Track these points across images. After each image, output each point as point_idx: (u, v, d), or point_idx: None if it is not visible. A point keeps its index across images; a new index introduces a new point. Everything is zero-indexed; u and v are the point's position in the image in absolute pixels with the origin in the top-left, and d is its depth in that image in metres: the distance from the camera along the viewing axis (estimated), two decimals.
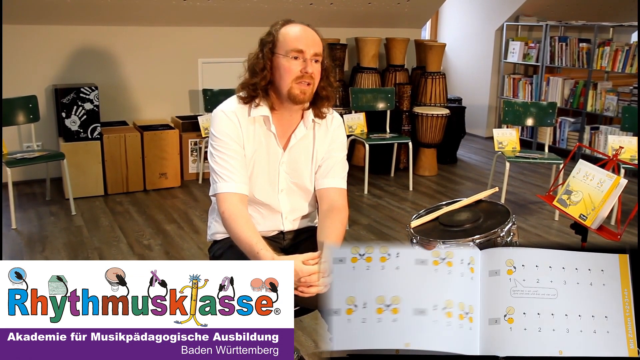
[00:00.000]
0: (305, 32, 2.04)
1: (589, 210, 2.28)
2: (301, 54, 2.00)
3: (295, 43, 2.00)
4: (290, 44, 2.01)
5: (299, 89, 2.02)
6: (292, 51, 2.00)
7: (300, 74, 2.00)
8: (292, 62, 2.00)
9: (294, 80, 2.01)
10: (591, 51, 6.70)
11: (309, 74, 2.01)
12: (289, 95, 2.03)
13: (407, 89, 6.25)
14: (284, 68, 2.01)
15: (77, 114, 5.06)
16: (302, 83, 2.01)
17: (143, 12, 5.50)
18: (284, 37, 2.03)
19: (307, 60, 2.01)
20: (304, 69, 2.00)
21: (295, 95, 2.02)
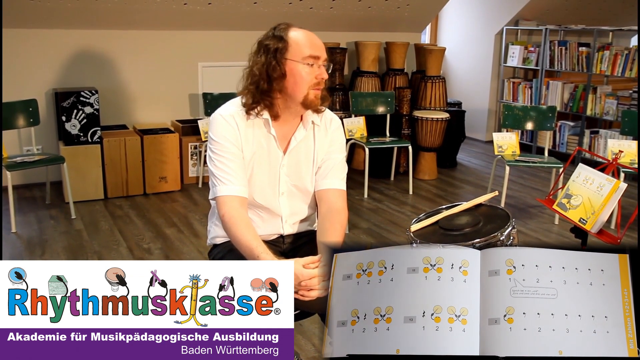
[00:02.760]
0: (315, 37, 2.05)
1: (589, 214, 2.28)
2: (316, 60, 2.01)
3: (311, 49, 2.01)
4: (306, 50, 2.00)
5: (314, 94, 2.04)
6: (309, 57, 2.00)
7: (316, 80, 2.02)
8: (308, 68, 2.01)
9: (311, 87, 2.02)
10: (591, 55, 6.71)
11: (323, 80, 2.04)
12: (304, 101, 2.03)
13: (407, 92, 6.26)
14: (299, 75, 2.00)
15: (77, 118, 5.06)
16: (318, 89, 2.04)
17: (143, 16, 5.51)
18: (296, 43, 2.01)
19: (321, 66, 2.03)
20: (319, 75, 2.02)
21: (312, 101, 2.04)
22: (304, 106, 2.05)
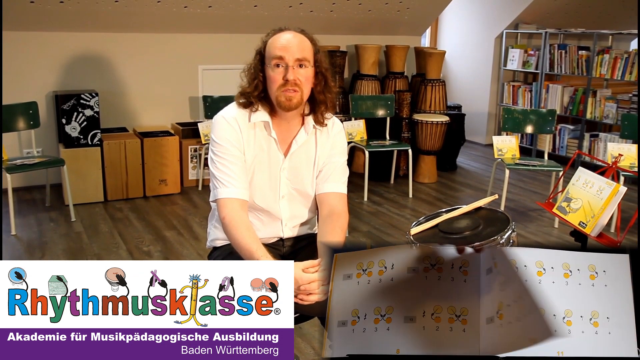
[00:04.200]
0: (288, 39, 2.03)
1: (589, 217, 2.28)
2: (282, 61, 2.01)
3: (276, 51, 2.01)
4: (272, 52, 2.02)
5: (285, 96, 2.02)
6: (274, 59, 2.01)
7: (282, 81, 2.01)
8: (275, 70, 2.02)
9: (279, 89, 2.02)
10: (590, 59, 6.71)
11: (291, 81, 2.00)
12: (277, 103, 2.05)
13: (407, 96, 6.26)
14: (269, 77, 2.04)
15: (78, 120, 5.06)
16: (288, 90, 2.01)
17: (144, 19, 5.52)
18: (269, 47, 2.05)
19: (288, 67, 2.00)
20: (284, 76, 2.00)
21: (281, 102, 2.03)
22: (280, 108, 2.05)
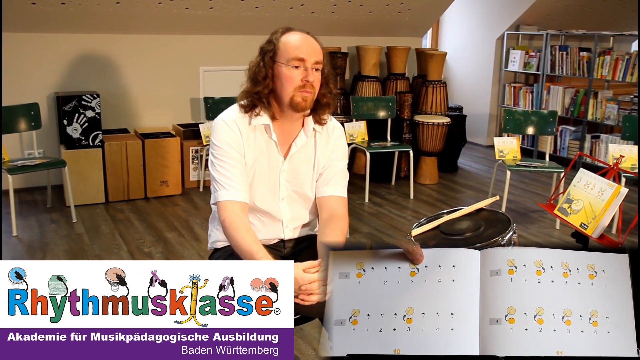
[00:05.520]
0: (306, 40, 2.05)
1: (590, 219, 2.28)
2: (302, 63, 2.01)
3: (297, 52, 2.01)
4: (292, 52, 2.01)
5: (301, 96, 2.02)
6: (294, 60, 2.00)
7: (301, 82, 2.01)
8: (293, 70, 2.01)
9: (296, 89, 2.01)
10: (591, 60, 6.71)
11: (310, 83, 2.02)
12: (290, 103, 2.03)
13: (408, 97, 6.26)
14: (285, 77, 2.02)
15: (79, 122, 5.07)
16: (305, 91, 2.02)
17: (145, 20, 5.52)
18: (284, 46, 2.03)
19: (308, 68, 2.01)
20: (305, 77, 2.01)
21: (297, 103, 2.03)
22: (292, 108, 2.05)
